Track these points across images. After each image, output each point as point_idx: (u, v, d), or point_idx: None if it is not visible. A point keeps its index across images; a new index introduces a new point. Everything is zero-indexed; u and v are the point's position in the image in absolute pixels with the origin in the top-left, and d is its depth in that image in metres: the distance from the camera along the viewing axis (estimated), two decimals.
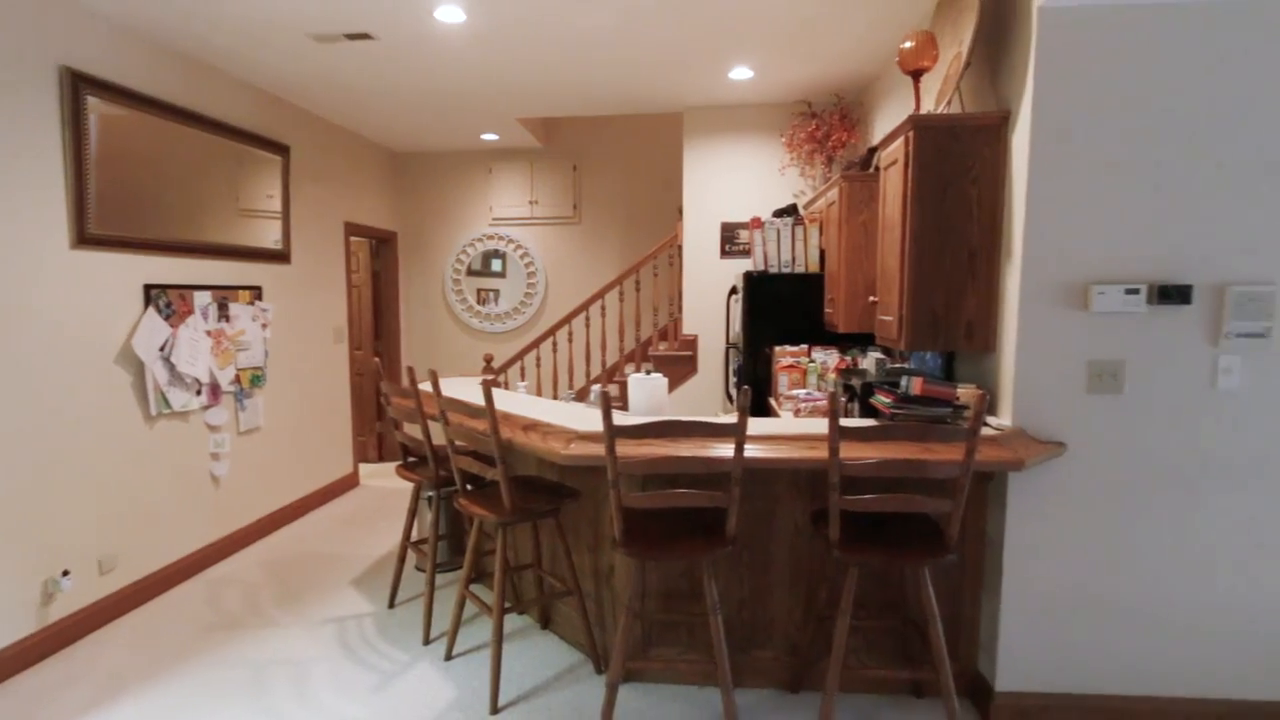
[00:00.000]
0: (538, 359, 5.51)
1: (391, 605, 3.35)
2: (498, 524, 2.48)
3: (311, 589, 3.57)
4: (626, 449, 2.25)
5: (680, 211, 5.26)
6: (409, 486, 5.51)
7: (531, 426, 2.53)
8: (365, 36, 3.41)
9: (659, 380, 2.92)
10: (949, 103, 2.72)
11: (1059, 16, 2.17)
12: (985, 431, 2.27)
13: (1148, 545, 2.30)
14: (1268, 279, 2.17)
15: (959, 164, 2.42)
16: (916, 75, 2.77)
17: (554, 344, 5.45)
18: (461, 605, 2.85)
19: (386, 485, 5.57)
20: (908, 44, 2.73)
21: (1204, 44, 2.13)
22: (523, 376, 5.69)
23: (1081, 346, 2.25)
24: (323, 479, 5.05)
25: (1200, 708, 2.33)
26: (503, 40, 3.52)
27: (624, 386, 4.89)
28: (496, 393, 3.23)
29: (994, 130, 2.39)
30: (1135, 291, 2.18)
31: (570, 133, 6.14)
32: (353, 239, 5.67)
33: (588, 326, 5.29)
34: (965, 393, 2.39)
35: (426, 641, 3.00)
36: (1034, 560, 2.34)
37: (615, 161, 6.13)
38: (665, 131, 6.00)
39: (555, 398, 5.09)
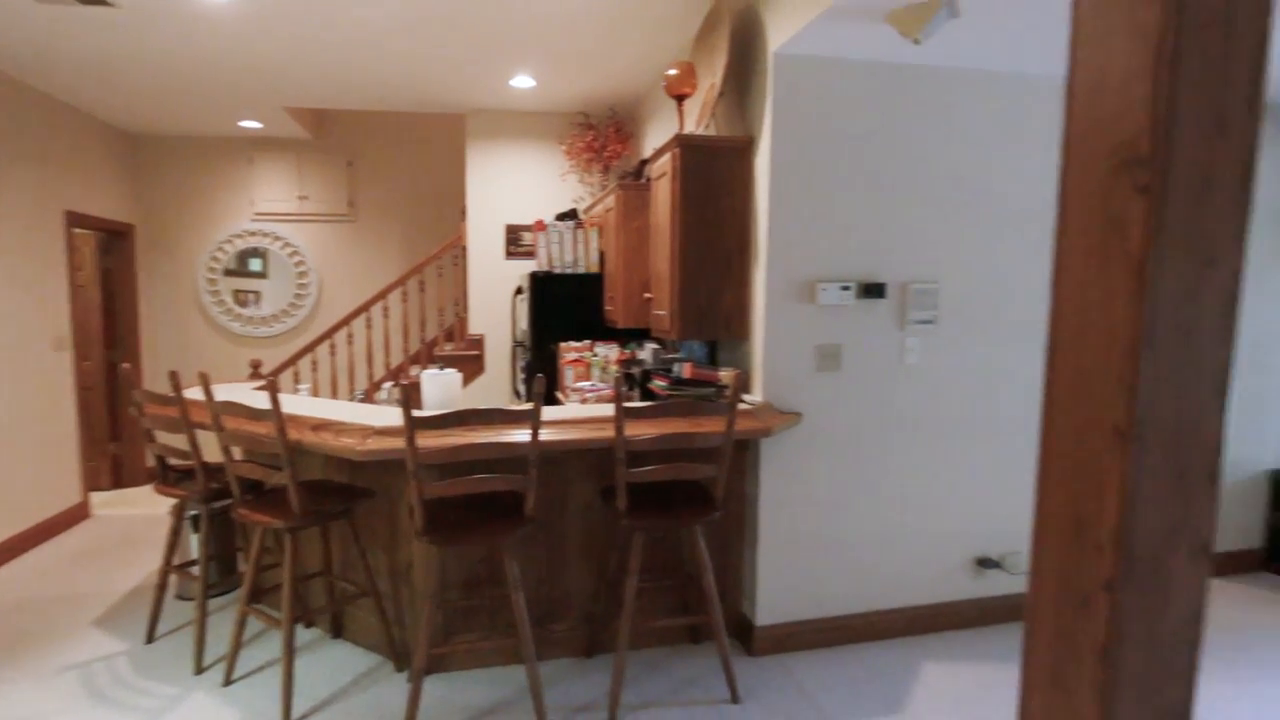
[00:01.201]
0: (314, 363, 5.19)
1: (150, 639, 3.02)
2: (285, 529, 2.39)
3: (40, 637, 3.08)
4: (427, 440, 2.31)
5: (464, 213, 5.29)
6: (154, 513, 4.89)
7: (322, 426, 2.48)
8: (103, 3, 3.03)
9: (453, 375, 2.99)
10: (707, 125, 3.13)
11: (790, 62, 2.64)
12: (742, 406, 2.69)
13: (860, 490, 2.88)
14: (934, 279, 2.85)
15: (717, 179, 2.82)
16: (680, 99, 3.15)
17: (332, 347, 5.18)
18: (242, 624, 2.67)
19: (127, 514, 4.88)
20: (672, 71, 3.10)
21: (891, 97, 2.73)
22: (298, 381, 5.32)
23: (811, 333, 2.75)
24: (42, 512, 4.30)
25: (898, 614, 2.97)
26: (270, 22, 3.33)
27: (416, 385, 4.80)
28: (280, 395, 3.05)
29: (742, 152, 2.83)
30: (848, 288, 2.73)
31: (344, 126, 5.85)
32: (78, 231, 4.88)
33: (369, 328, 5.09)
34: (726, 374, 2.79)
35: (199, 670, 2.76)
36: (782, 512, 2.81)
37: (395, 159, 5.96)
38: (448, 131, 5.98)
39: (339, 400, 4.84)
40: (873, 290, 2.75)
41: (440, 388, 2.94)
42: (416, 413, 2.17)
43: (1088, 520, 1.34)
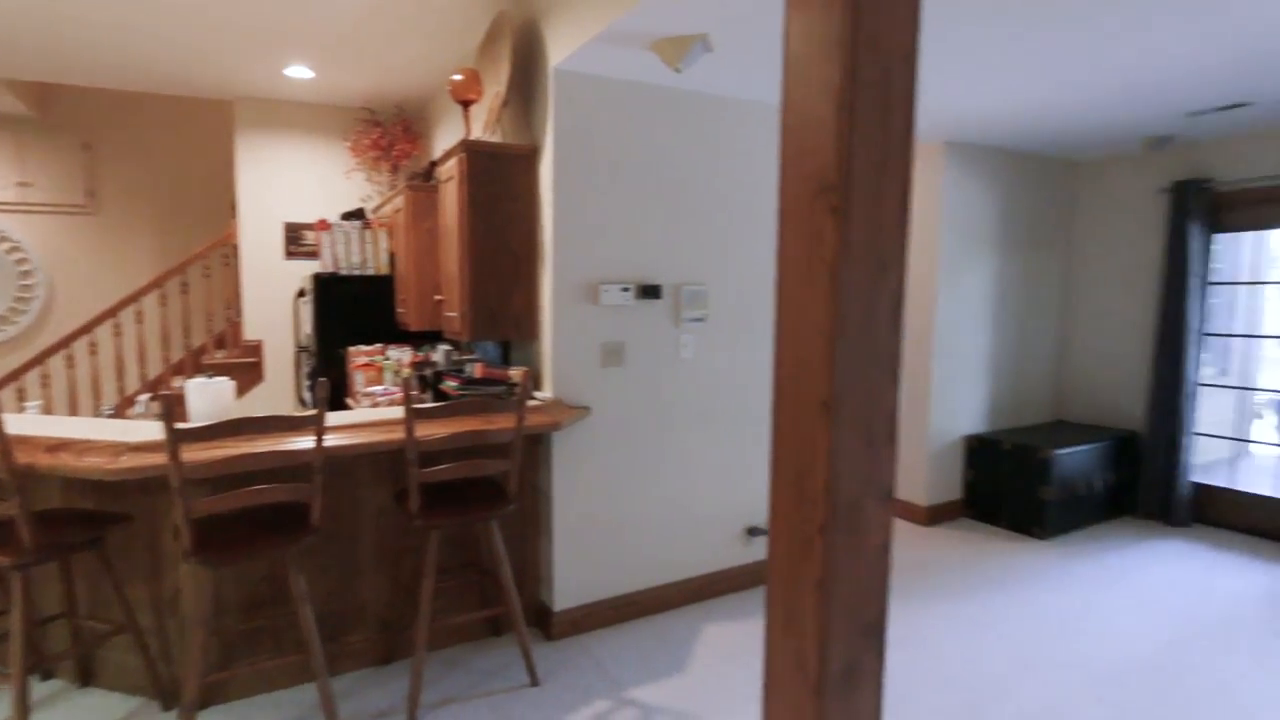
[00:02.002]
0: (45, 378, 4.47)
1: None
2: (13, 568, 2.11)
3: None
4: (195, 453, 2.16)
5: (234, 208, 4.86)
6: None
7: (60, 446, 2.21)
8: None
9: (223, 384, 2.79)
10: (494, 132, 3.22)
11: (569, 78, 2.81)
12: (532, 403, 2.82)
13: (643, 475, 3.14)
14: (703, 281, 3.19)
15: (504, 184, 2.92)
16: (465, 104, 3.20)
17: (70, 358, 4.50)
18: None
19: None
20: (457, 77, 3.14)
21: (661, 116, 3.01)
22: (23, 399, 4.54)
23: (596, 332, 2.95)
24: None
25: (683, 585, 3.28)
26: None
27: (180, 397, 4.32)
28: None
29: (528, 159, 2.95)
30: (628, 290, 2.97)
31: (80, 104, 5.09)
32: None
33: (118, 336, 4.50)
34: (516, 373, 2.91)
35: None
36: (574, 501, 2.98)
37: (147, 144, 5.30)
38: (214, 116, 5.43)
39: (81, 417, 4.22)
40: (650, 291, 3.02)
41: (209, 398, 2.73)
42: (181, 425, 2.03)
43: (806, 478, 1.64)
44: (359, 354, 3.75)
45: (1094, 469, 4.36)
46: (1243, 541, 4.14)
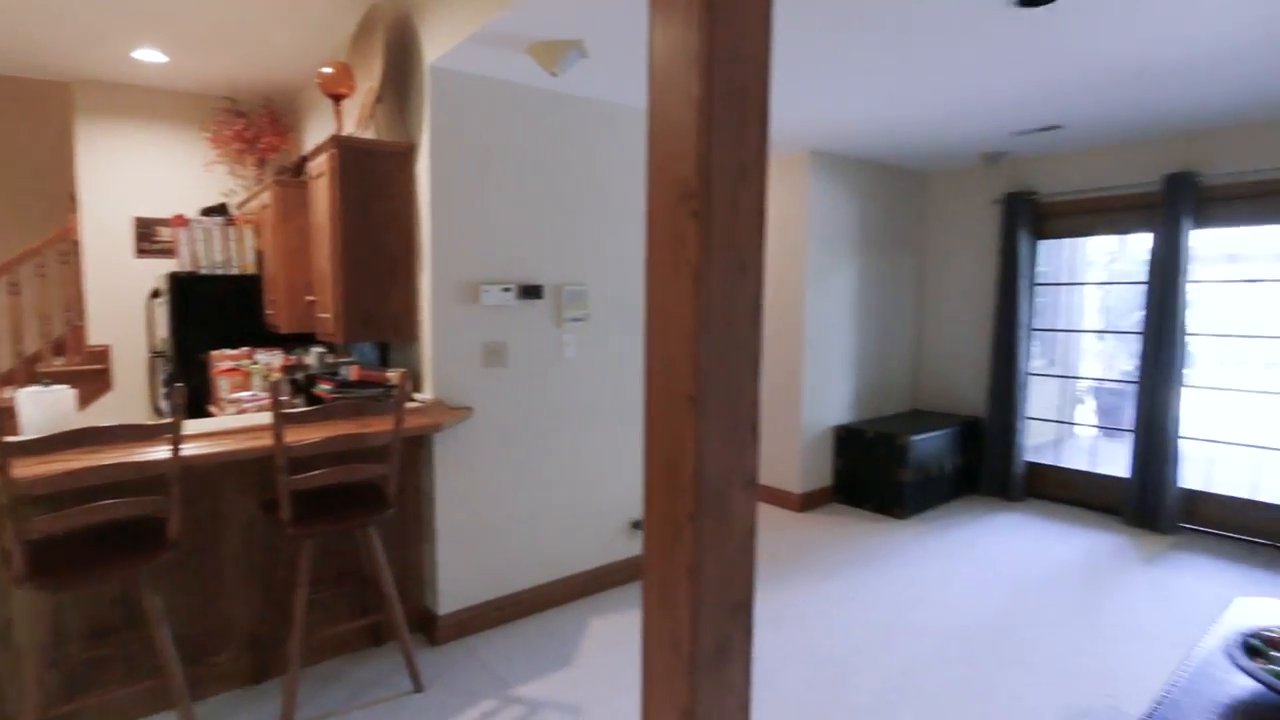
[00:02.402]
0: None
1: None
2: None
3: None
4: (28, 469, 1.98)
5: (74, 200, 4.43)
6: None
7: None
8: None
9: (62, 393, 2.56)
10: (368, 128, 3.14)
11: (446, 76, 2.79)
12: (412, 404, 2.77)
13: (528, 474, 3.17)
14: (583, 281, 3.25)
15: (379, 182, 2.85)
16: (336, 99, 3.10)
17: None
18: None
19: None
20: (327, 70, 3.03)
21: (541, 118, 3.04)
22: None
23: (478, 332, 2.95)
24: None
25: (571, 581, 3.34)
26: None
27: (10, 408, 3.89)
28: None
29: (404, 158, 2.91)
30: (509, 290, 2.99)
31: None
32: None
33: None
34: (394, 374, 2.85)
35: None
36: (458, 502, 2.96)
37: None
38: (49, 101, 4.91)
39: None
40: (531, 291, 3.05)
41: (44, 408, 2.49)
42: (10, 438, 1.86)
43: (676, 468, 1.73)
44: (223, 358, 3.53)
45: (945, 453, 4.79)
46: (1067, 511, 4.69)
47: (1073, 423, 5.45)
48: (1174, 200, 4.10)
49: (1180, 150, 4.18)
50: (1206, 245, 4.24)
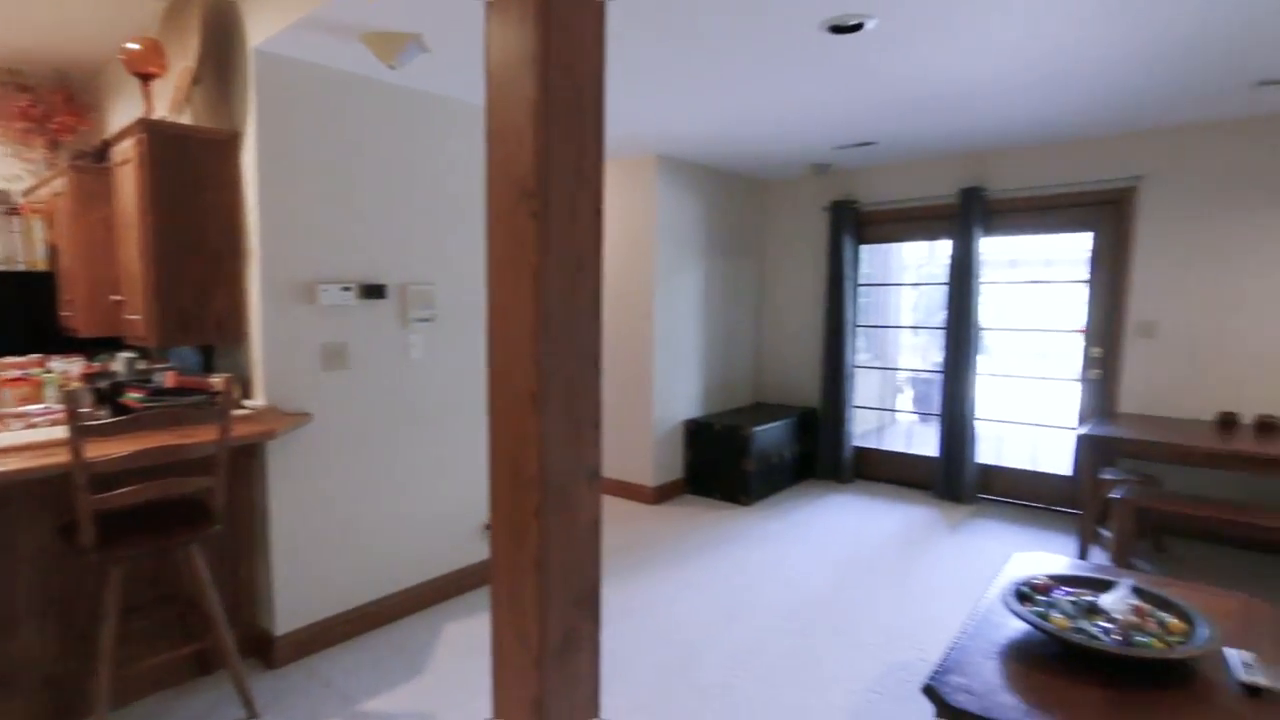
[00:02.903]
0: None
1: None
2: None
3: None
4: None
5: None
6: None
7: None
8: None
9: None
10: (183, 112, 2.88)
11: (274, 61, 2.62)
12: (241, 411, 2.59)
13: (374, 481, 3.05)
14: (430, 280, 3.18)
15: (197, 172, 2.63)
16: (145, 78, 2.82)
17: None
18: None
19: None
20: (133, 45, 2.75)
21: (381, 111, 2.94)
22: None
23: (315, 333, 2.80)
24: None
25: (423, 588, 3.25)
26: None
27: None
28: None
29: (227, 146, 2.70)
30: (349, 289, 2.86)
31: None
32: None
33: None
34: (218, 380, 2.64)
35: None
36: (296, 514, 2.79)
37: None
38: None
39: None
40: (373, 291, 2.94)
41: None
42: None
43: (520, 465, 1.76)
44: (8, 367, 3.09)
45: (785, 442, 5.16)
46: (889, 490, 5.20)
47: (893, 410, 6.05)
48: (967, 211, 4.67)
49: (972, 167, 4.78)
50: (993, 251, 4.88)
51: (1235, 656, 1.81)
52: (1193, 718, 1.61)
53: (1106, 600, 1.97)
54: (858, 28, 2.51)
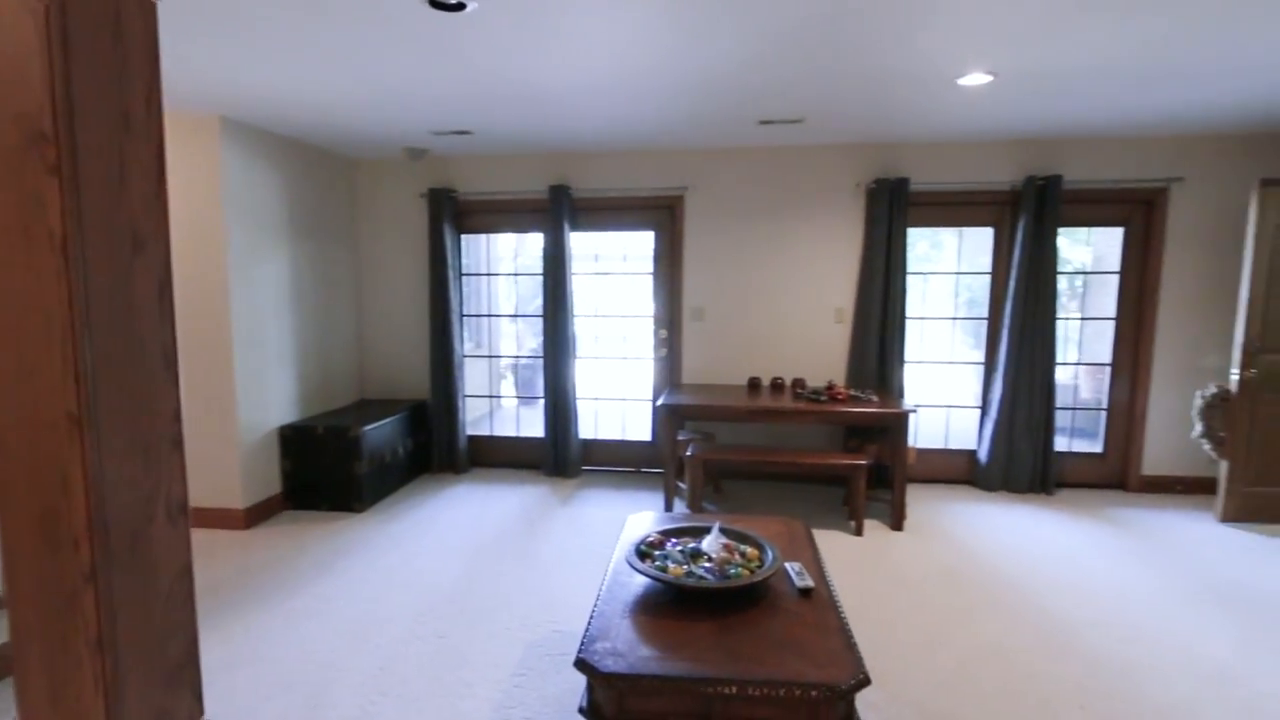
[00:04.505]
0: None
1: None
2: None
3: None
4: None
5: None
6: None
7: None
8: None
9: None
10: None
11: None
12: None
13: None
14: None
15: None
16: None
17: None
18: None
19: None
20: None
21: None
22: None
23: None
24: None
25: None
26: None
27: None
28: None
29: None
30: None
31: None
32: None
33: None
34: None
35: None
36: None
37: None
38: None
39: None
40: None
41: None
42: None
43: (58, 516, 1.27)
44: None
45: (396, 438, 4.90)
46: (504, 474, 5.37)
47: (500, 396, 6.26)
48: (557, 207, 5.05)
49: (561, 166, 5.17)
50: (581, 245, 5.38)
51: (791, 568, 2.34)
52: (772, 622, 2.02)
53: (706, 544, 2.35)
54: (460, 7, 2.46)
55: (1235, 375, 4.24)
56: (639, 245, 5.34)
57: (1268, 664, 2.72)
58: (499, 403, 6.32)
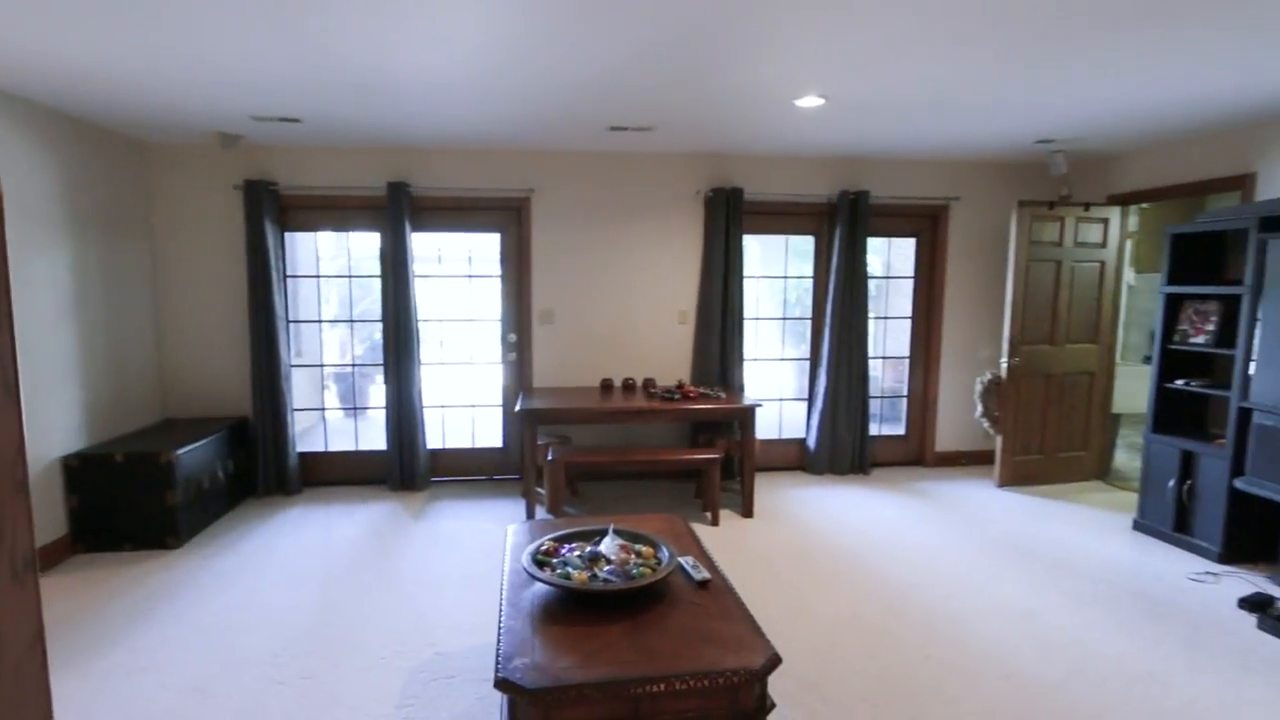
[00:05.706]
0: None
1: None
2: None
3: None
4: None
5: None
6: None
7: None
8: None
9: None
10: None
11: None
12: None
13: None
14: None
15: None
16: None
17: None
18: None
19: None
20: None
21: None
22: None
23: None
24: None
25: None
26: None
27: None
28: None
29: None
30: None
31: None
32: None
33: None
34: None
35: None
36: None
37: None
38: None
39: None
40: None
41: None
42: None
43: None
44: None
45: (215, 461, 4.33)
46: (342, 492, 4.96)
47: (327, 408, 5.76)
48: (396, 205, 4.77)
49: (400, 161, 4.88)
50: (422, 246, 5.12)
51: (685, 562, 2.43)
52: (679, 615, 2.10)
53: (604, 546, 2.37)
54: None
55: (1004, 363, 5.07)
56: (485, 247, 5.20)
57: (1052, 600, 3.31)
58: (327, 415, 5.81)
